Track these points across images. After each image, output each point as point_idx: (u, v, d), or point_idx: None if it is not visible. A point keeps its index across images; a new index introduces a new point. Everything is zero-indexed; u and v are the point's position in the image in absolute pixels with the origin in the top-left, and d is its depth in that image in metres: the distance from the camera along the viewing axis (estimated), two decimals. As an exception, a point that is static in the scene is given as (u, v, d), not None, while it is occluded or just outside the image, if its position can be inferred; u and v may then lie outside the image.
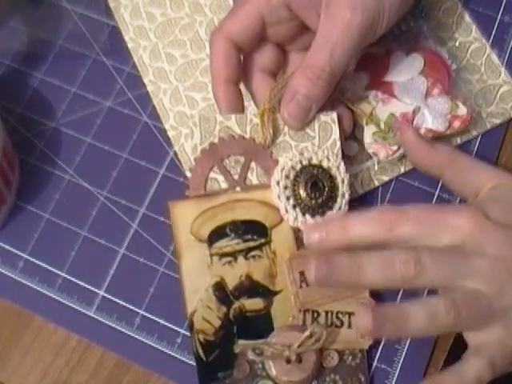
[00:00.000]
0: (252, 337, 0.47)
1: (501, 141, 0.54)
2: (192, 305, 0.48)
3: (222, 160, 0.49)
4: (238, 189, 0.49)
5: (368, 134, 0.52)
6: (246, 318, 0.48)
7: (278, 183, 0.48)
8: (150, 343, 0.50)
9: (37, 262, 0.52)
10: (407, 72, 0.53)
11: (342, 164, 0.49)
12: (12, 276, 0.52)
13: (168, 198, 0.49)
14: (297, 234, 0.48)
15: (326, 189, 0.48)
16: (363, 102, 0.52)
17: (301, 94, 0.47)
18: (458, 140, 0.53)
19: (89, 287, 0.51)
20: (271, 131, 0.49)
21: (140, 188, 0.53)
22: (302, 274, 0.48)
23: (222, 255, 0.48)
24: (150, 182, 0.54)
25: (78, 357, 0.50)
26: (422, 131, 0.51)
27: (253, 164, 0.49)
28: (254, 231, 0.49)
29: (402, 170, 0.53)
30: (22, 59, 0.57)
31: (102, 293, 0.51)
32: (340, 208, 0.48)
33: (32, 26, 0.58)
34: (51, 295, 0.51)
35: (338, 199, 0.48)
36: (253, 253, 0.48)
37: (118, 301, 0.51)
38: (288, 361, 0.47)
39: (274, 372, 0.47)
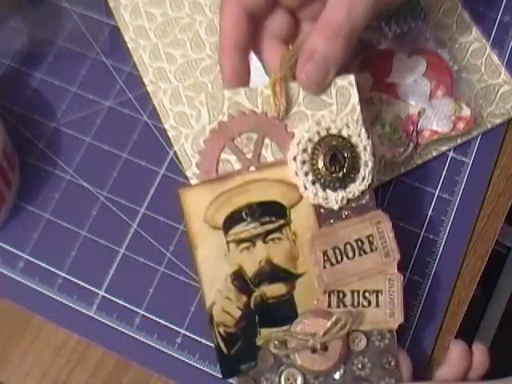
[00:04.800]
0: (275, 324, 0.45)
1: (501, 141, 0.54)
2: (210, 297, 0.45)
3: (233, 139, 0.46)
4: (252, 168, 0.46)
5: (373, 135, 0.51)
6: (268, 306, 0.45)
7: (294, 158, 0.45)
8: (149, 343, 0.50)
9: (37, 261, 0.52)
10: (410, 74, 0.53)
11: (363, 130, 0.45)
12: (12, 276, 0.52)
13: (168, 198, 0.49)
14: (318, 211, 0.45)
15: (347, 160, 0.45)
16: (368, 104, 0.52)
17: (319, 53, 0.44)
18: (459, 140, 0.53)
19: (89, 287, 0.51)
20: (284, 102, 0.45)
21: (140, 188, 0.53)
22: (325, 253, 0.45)
23: (240, 241, 0.45)
24: (150, 181, 0.54)
25: (78, 357, 0.50)
26: (427, 133, 0.51)
27: (267, 140, 0.46)
28: (272, 212, 0.46)
29: (402, 170, 0.53)
30: (22, 59, 0.57)
31: (101, 293, 0.51)
32: (364, 178, 0.45)
33: (32, 26, 0.58)
34: (51, 295, 0.51)
35: (361, 169, 0.45)
36: (272, 236, 0.46)
37: (117, 301, 0.51)
38: (313, 350, 0.44)
39: (299, 362, 0.45)
